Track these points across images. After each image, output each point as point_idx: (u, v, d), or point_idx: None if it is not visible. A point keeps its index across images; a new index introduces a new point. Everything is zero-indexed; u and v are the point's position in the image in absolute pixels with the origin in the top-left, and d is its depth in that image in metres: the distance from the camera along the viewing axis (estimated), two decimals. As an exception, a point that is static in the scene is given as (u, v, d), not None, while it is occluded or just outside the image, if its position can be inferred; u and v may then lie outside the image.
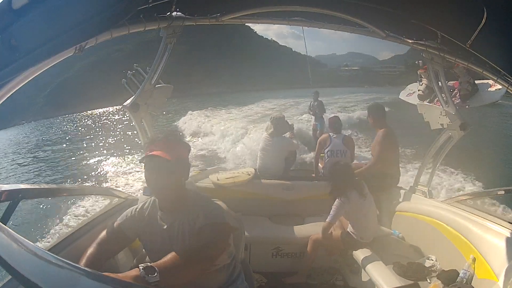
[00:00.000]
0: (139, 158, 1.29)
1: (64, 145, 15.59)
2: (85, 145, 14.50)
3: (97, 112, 37.12)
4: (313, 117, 8.75)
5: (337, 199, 2.46)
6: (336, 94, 26.21)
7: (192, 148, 1.45)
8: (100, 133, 18.14)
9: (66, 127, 27.58)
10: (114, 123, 22.66)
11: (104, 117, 30.29)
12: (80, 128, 24.41)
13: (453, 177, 6.30)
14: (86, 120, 31.39)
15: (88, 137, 17.31)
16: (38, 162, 12.70)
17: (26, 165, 12.37)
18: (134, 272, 1.02)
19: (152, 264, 1.06)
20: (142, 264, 1.03)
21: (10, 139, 23.69)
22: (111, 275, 0.99)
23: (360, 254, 2.38)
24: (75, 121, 32.41)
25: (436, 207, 2.42)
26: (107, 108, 36.86)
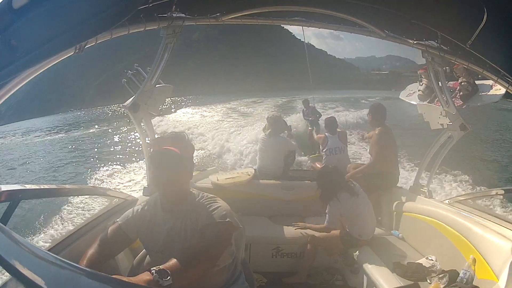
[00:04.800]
0: (149, 155, 1.29)
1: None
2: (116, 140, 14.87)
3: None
4: (309, 122, 8.97)
5: (328, 204, 2.50)
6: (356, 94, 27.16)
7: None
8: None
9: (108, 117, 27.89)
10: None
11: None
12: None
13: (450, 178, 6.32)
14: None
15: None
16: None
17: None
18: (146, 276, 1.00)
19: (162, 266, 1.04)
20: (154, 268, 1.01)
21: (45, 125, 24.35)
22: (124, 278, 0.97)
23: (360, 254, 2.38)
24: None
25: (436, 207, 2.42)
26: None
